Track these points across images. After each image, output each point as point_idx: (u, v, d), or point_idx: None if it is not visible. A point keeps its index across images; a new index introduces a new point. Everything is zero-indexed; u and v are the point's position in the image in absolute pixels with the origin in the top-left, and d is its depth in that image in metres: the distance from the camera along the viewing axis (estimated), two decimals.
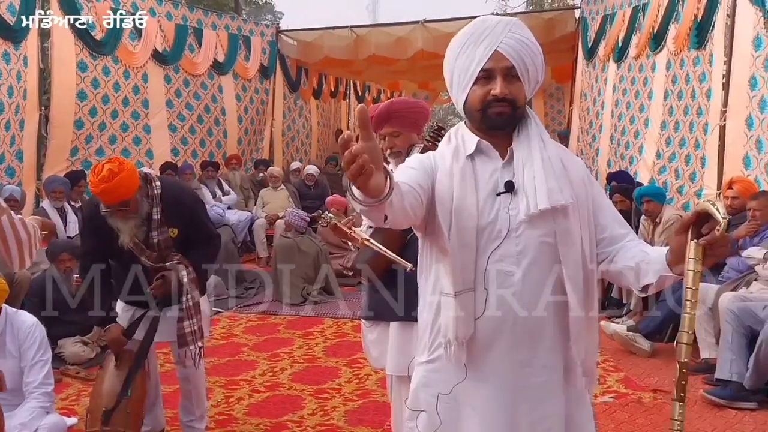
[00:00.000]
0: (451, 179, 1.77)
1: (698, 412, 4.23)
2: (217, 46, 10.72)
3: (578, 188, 1.79)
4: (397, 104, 2.99)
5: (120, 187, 3.24)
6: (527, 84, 1.79)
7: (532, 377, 1.77)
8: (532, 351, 1.76)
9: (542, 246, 1.75)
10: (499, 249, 1.75)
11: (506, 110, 1.76)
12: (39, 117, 7.80)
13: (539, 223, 1.74)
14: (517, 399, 1.76)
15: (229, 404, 4.45)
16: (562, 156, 1.82)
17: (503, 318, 1.75)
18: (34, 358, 3.31)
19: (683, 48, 7.14)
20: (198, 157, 10.40)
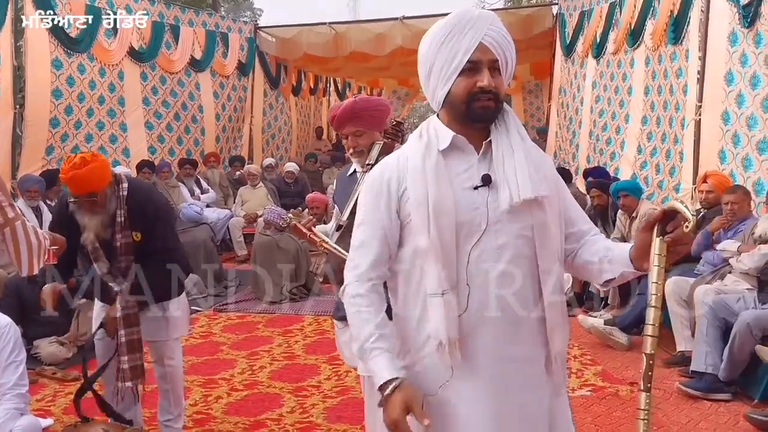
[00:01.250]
0: (425, 178, 1.75)
1: (674, 403, 4.27)
2: (195, 43, 10.66)
3: (552, 182, 1.81)
4: (360, 103, 2.93)
5: (90, 176, 3.19)
6: (506, 78, 1.79)
7: (515, 372, 1.76)
8: (515, 345, 1.76)
9: (521, 240, 1.75)
10: (479, 244, 1.73)
11: (491, 104, 1.74)
12: (13, 115, 7.70)
13: (518, 217, 1.73)
14: (503, 394, 1.75)
15: (208, 403, 4.42)
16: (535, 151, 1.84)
17: (486, 314, 1.74)
18: (8, 359, 3.25)
19: (660, 43, 7.20)
20: (175, 155, 10.33)
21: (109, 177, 3.32)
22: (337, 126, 2.95)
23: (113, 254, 3.39)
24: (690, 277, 5.05)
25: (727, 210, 5.09)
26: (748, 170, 5.54)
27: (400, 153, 1.88)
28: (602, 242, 1.85)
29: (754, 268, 4.57)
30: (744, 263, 4.61)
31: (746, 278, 4.62)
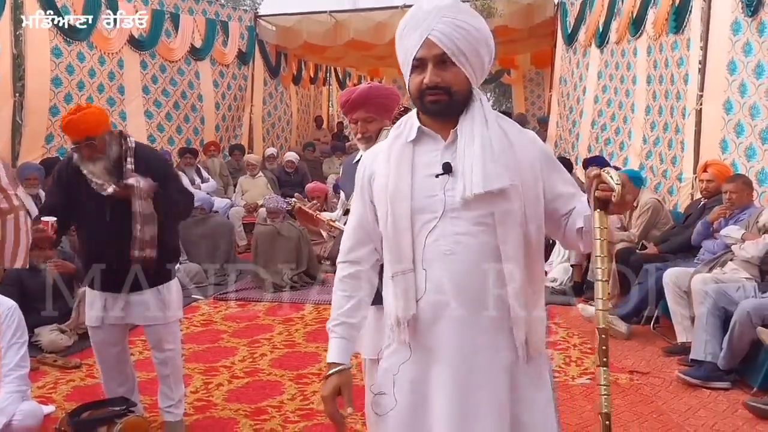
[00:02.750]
0: (388, 166, 1.84)
1: (673, 392, 4.28)
2: (194, 32, 10.62)
3: (525, 169, 1.77)
4: (375, 90, 2.95)
5: (85, 120, 3.30)
6: (467, 67, 1.77)
7: (476, 357, 1.77)
8: (473, 331, 1.77)
9: (480, 226, 1.75)
10: (435, 229, 1.77)
11: (441, 98, 1.76)
12: (13, 104, 7.68)
13: (477, 205, 1.74)
14: (463, 379, 1.77)
15: (209, 390, 4.43)
16: (512, 136, 1.80)
17: (443, 298, 1.77)
18: (10, 340, 3.26)
19: (662, 33, 7.18)
20: (175, 144, 10.31)
21: (106, 123, 3.44)
22: (348, 110, 2.94)
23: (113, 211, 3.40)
24: (690, 267, 5.05)
25: (725, 199, 5.10)
26: (752, 160, 5.53)
27: (380, 143, 1.99)
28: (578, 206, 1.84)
29: (757, 257, 4.57)
30: (747, 251, 4.60)
31: (747, 267, 4.62)
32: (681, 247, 5.60)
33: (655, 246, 5.82)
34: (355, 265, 1.96)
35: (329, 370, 1.90)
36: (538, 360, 1.83)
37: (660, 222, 6.17)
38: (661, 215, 6.19)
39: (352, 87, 2.96)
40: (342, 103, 2.97)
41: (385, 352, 1.92)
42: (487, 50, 1.80)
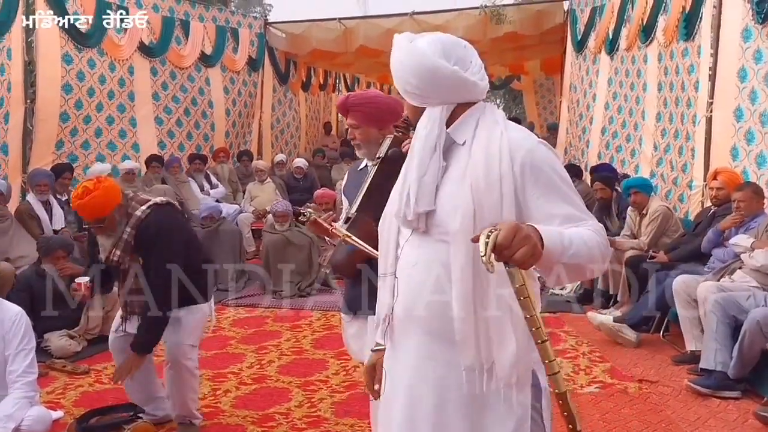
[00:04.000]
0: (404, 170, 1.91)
1: (683, 401, 4.25)
2: (205, 39, 10.65)
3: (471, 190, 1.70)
4: (352, 97, 2.94)
5: (93, 204, 3.41)
6: (412, 99, 1.85)
7: (431, 370, 1.78)
8: (429, 344, 1.80)
9: (439, 243, 1.77)
10: (409, 241, 1.85)
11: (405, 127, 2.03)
12: (24, 110, 7.71)
13: (437, 222, 1.77)
14: (417, 388, 1.80)
15: (216, 397, 4.44)
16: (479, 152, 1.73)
17: (405, 308, 1.83)
18: (18, 346, 3.28)
19: (672, 40, 7.16)
20: (185, 150, 10.34)
21: (116, 200, 3.47)
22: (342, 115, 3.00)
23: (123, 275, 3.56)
24: (699, 275, 5.02)
25: (734, 207, 5.07)
26: (762, 167, 5.49)
27: None
28: None
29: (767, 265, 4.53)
30: (757, 260, 4.56)
31: (756, 275, 4.59)
32: (691, 254, 5.56)
33: (665, 254, 5.79)
34: None
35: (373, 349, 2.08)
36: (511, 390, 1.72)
37: (670, 229, 6.13)
38: (671, 223, 6.16)
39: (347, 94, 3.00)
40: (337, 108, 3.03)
41: None
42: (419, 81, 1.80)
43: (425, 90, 1.80)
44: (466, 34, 10.71)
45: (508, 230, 1.45)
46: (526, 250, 1.45)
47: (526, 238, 1.46)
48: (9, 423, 3.12)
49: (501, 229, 1.46)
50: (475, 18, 10.97)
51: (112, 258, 3.49)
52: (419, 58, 1.80)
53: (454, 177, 1.76)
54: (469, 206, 1.69)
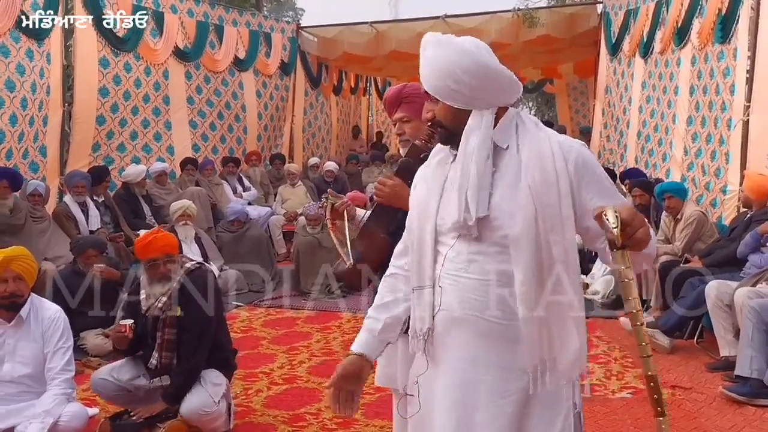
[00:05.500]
0: (425, 185, 1.92)
1: (717, 408, 4.18)
2: (238, 43, 10.77)
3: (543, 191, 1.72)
4: (409, 88, 2.74)
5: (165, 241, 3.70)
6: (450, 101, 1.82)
7: (481, 375, 1.77)
8: (484, 351, 1.78)
9: (496, 248, 1.76)
10: (454, 248, 1.81)
11: (436, 131, 1.95)
12: (62, 113, 7.88)
13: (491, 225, 1.76)
14: (467, 395, 1.78)
15: (248, 396, 4.48)
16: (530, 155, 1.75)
17: (453, 315, 1.80)
18: (56, 344, 3.38)
19: (707, 42, 7.07)
20: (218, 153, 10.46)
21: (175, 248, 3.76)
22: (388, 110, 2.82)
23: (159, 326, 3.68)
24: (734, 281, 4.94)
25: None
26: None
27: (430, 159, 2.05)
28: None
29: None
30: None
31: None
32: (726, 260, 5.47)
33: (700, 259, 5.70)
34: (399, 269, 2.03)
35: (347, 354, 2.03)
36: (562, 390, 1.77)
37: (705, 235, 6.04)
38: (706, 228, 6.07)
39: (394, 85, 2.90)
40: (383, 103, 2.89)
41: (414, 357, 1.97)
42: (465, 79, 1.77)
43: (478, 90, 1.78)
44: (499, 36, 10.70)
45: (630, 210, 1.56)
46: (645, 230, 1.56)
47: (644, 220, 1.57)
48: (47, 418, 3.20)
49: (620, 210, 1.54)
50: (507, 21, 10.94)
51: (157, 305, 3.63)
52: (476, 57, 1.78)
53: (506, 181, 1.76)
54: (530, 208, 1.71)
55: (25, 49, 7.18)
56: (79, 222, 6.86)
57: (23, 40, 7.14)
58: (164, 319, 3.66)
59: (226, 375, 3.81)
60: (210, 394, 3.61)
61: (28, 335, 3.36)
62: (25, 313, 3.36)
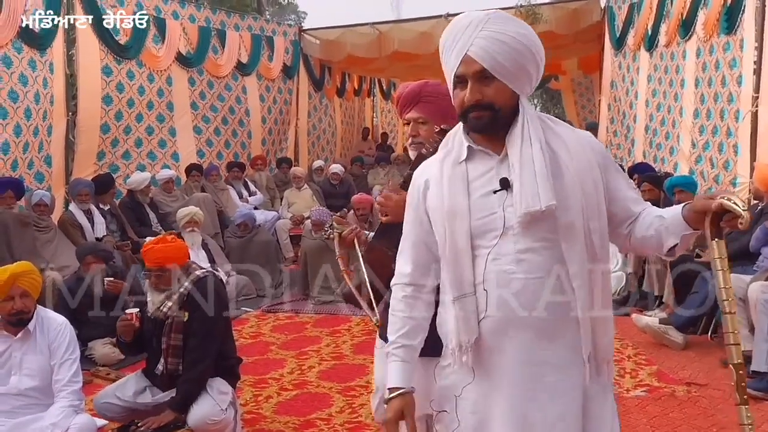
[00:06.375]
0: (442, 186, 1.79)
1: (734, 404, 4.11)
2: (241, 47, 10.75)
3: (584, 179, 1.71)
4: (430, 87, 2.58)
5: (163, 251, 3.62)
6: (511, 81, 1.72)
7: (542, 376, 1.72)
8: (541, 350, 1.72)
9: (543, 243, 1.70)
10: (496, 248, 1.72)
11: (483, 114, 1.72)
12: (66, 122, 7.87)
13: (537, 221, 1.68)
14: (529, 399, 1.72)
15: (258, 403, 4.44)
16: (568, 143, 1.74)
17: (506, 318, 1.71)
18: (63, 356, 3.35)
19: (713, 34, 6.99)
20: (223, 158, 10.45)
21: (183, 260, 3.71)
22: (400, 108, 2.63)
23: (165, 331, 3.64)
24: (747, 275, 4.88)
25: None
26: None
27: (431, 159, 1.94)
28: (653, 213, 1.78)
29: None
30: None
31: None
32: (738, 253, 5.39)
33: None
34: (414, 286, 1.91)
35: (390, 393, 1.86)
36: (606, 372, 1.79)
37: None
38: None
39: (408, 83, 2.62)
40: (396, 99, 2.66)
41: (444, 370, 1.87)
42: (532, 59, 1.74)
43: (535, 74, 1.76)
44: None
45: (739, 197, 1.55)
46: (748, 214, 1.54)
47: None
48: (55, 431, 3.17)
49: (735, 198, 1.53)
50: None
51: (162, 309, 3.60)
52: (537, 40, 1.74)
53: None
54: (579, 198, 1.69)
55: (27, 59, 7.16)
56: (85, 229, 6.85)
57: (26, 50, 7.13)
58: (170, 324, 3.63)
59: (231, 383, 3.77)
60: (217, 402, 3.57)
61: (34, 348, 3.33)
62: (32, 326, 3.34)
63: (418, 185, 1.91)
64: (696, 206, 1.64)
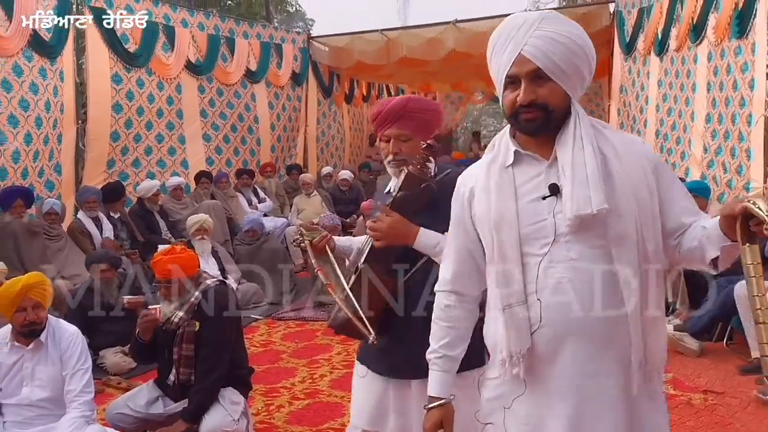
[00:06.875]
0: (488, 193, 1.75)
1: (752, 412, 4.07)
2: (250, 55, 10.77)
3: (638, 185, 1.67)
4: (415, 102, 2.46)
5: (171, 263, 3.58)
6: (565, 82, 1.68)
7: (597, 386, 1.67)
8: (596, 359, 1.67)
9: (595, 249, 1.66)
10: (548, 256, 1.68)
11: (537, 115, 1.68)
12: (76, 130, 7.90)
13: (590, 226, 1.64)
14: (583, 410, 1.68)
15: (270, 412, 4.41)
16: (620, 149, 1.70)
17: (563, 328, 1.67)
18: (75, 366, 3.34)
19: (724, 38, 6.95)
20: (232, 165, 10.45)
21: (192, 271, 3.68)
22: (379, 124, 2.46)
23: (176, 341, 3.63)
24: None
25: None
26: None
27: (476, 164, 1.89)
28: (700, 223, 1.70)
29: None
30: None
31: None
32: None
33: None
34: (457, 294, 1.89)
35: (430, 403, 1.86)
36: (657, 381, 1.74)
37: None
38: None
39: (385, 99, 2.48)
40: (373, 115, 2.49)
41: (492, 382, 1.84)
42: (586, 60, 1.71)
43: (588, 77, 1.74)
44: None
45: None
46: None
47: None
48: None
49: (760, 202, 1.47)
50: None
51: (173, 320, 3.58)
52: (585, 44, 1.73)
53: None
54: (633, 204, 1.64)
55: (38, 67, 7.19)
56: (94, 237, 6.86)
57: (36, 58, 7.16)
58: (181, 335, 3.61)
59: (243, 393, 3.75)
60: (229, 412, 3.55)
61: (46, 358, 3.32)
62: (44, 337, 3.33)
63: (462, 193, 1.87)
64: (724, 210, 1.59)
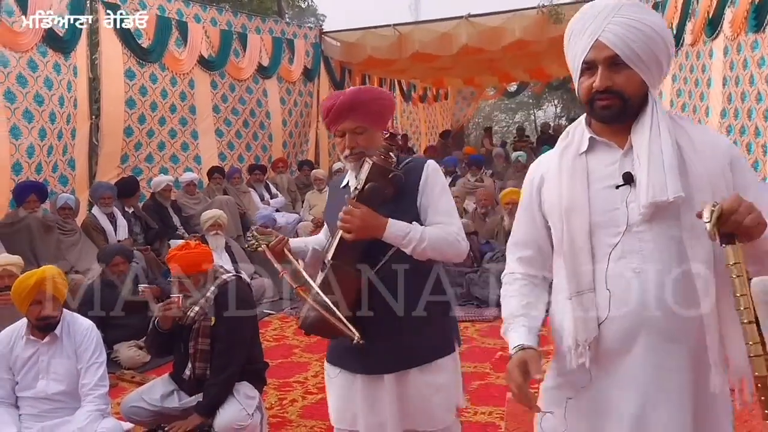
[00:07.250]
0: (560, 180, 1.74)
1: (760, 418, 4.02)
2: (262, 50, 10.77)
3: (714, 176, 1.63)
4: (366, 93, 2.40)
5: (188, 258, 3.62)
6: (643, 70, 1.65)
7: (666, 381, 1.64)
8: (667, 353, 1.64)
9: (669, 241, 1.62)
10: (619, 245, 1.65)
11: (613, 102, 1.66)
12: (90, 126, 7.93)
13: (663, 217, 1.62)
14: (650, 404, 1.65)
15: (283, 407, 4.42)
16: (696, 139, 1.67)
17: (632, 319, 1.64)
18: (89, 360, 3.35)
19: (740, 32, 6.88)
20: (244, 161, 10.47)
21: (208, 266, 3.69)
22: (332, 120, 2.37)
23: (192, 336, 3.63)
24: None
25: None
26: None
27: (549, 152, 1.86)
28: None
29: None
30: None
31: None
32: None
33: None
34: (527, 277, 1.87)
35: (513, 350, 1.76)
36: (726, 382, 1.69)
37: None
38: None
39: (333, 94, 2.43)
40: (325, 111, 2.38)
41: (553, 371, 1.82)
42: (664, 49, 1.67)
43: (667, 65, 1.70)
44: (524, 34, 10.57)
45: (734, 198, 1.43)
46: (755, 215, 1.42)
47: (752, 206, 1.43)
48: None
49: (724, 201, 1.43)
50: (532, 18, 10.79)
51: (189, 314, 3.58)
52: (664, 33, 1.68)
53: None
54: (708, 196, 1.58)
55: (52, 63, 7.22)
56: (107, 233, 6.88)
57: (50, 54, 7.19)
58: (197, 329, 3.61)
59: (258, 388, 3.75)
60: (244, 407, 3.55)
61: (61, 352, 3.34)
62: (59, 330, 3.35)
63: (532, 179, 1.85)
64: None
